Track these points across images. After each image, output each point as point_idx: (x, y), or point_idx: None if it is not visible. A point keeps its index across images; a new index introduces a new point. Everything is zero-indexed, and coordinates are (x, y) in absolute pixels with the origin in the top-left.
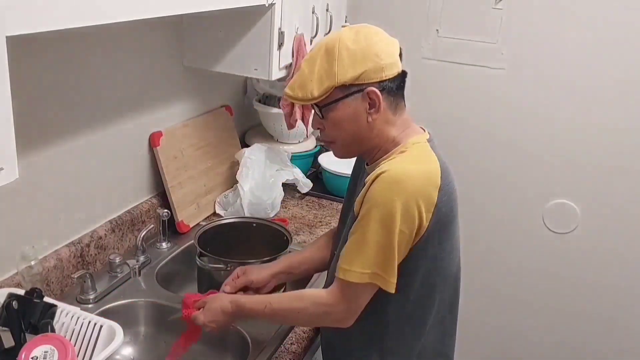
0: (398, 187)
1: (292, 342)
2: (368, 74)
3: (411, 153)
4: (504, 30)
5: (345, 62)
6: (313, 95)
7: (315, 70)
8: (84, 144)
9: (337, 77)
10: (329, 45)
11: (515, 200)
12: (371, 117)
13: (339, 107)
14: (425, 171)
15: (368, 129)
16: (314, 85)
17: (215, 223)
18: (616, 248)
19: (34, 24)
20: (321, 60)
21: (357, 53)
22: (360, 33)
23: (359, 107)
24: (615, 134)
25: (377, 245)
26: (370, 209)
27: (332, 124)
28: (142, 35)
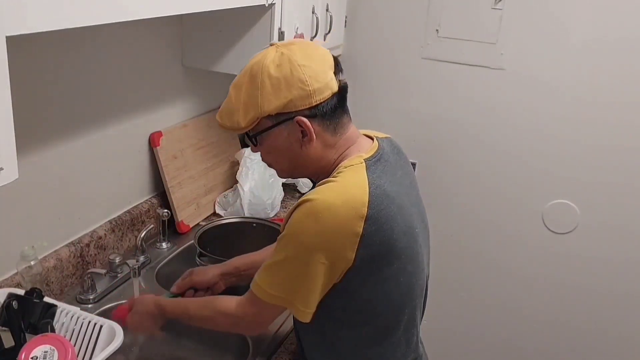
0: (317, 219)
1: (292, 342)
2: (294, 102)
3: (341, 181)
4: (504, 30)
5: (267, 91)
6: (240, 125)
7: (241, 99)
8: (84, 144)
9: (261, 107)
10: (254, 70)
11: (515, 200)
12: (304, 146)
13: (269, 135)
14: (349, 201)
15: (305, 155)
16: (240, 114)
17: (215, 223)
18: (616, 248)
19: (34, 24)
20: (246, 87)
21: (281, 81)
22: (284, 57)
23: (292, 135)
24: (616, 134)
25: (289, 274)
26: (289, 237)
27: (266, 152)
28: (142, 35)
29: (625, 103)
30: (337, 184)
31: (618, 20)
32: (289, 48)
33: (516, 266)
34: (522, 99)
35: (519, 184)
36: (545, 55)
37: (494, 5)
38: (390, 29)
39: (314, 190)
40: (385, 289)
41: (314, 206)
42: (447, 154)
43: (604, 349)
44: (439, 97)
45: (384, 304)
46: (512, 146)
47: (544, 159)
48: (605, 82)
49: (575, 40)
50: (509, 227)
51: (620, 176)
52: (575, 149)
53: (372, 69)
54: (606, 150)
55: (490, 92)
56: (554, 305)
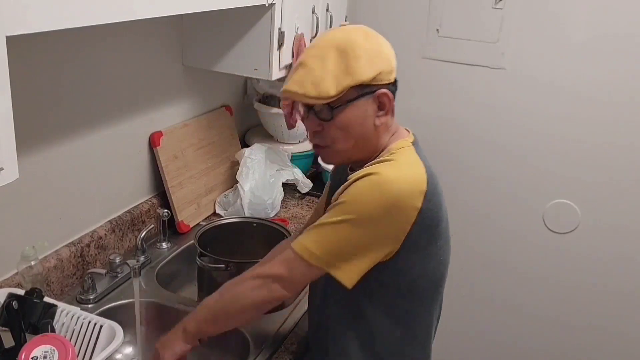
0: (383, 192)
1: (292, 342)
2: (382, 75)
3: (398, 160)
4: (504, 30)
5: (363, 61)
6: (329, 94)
7: (329, 69)
8: (84, 144)
9: (357, 75)
10: (340, 43)
11: (516, 200)
12: (379, 120)
13: (350, 108)
14: (413, 177)
15: (372, 132)
16: (329, 83)
17: (216, 223)
18: (616, 248)
19: (34, 24)
20: (335, 58)
21: (373, 52)
22: (368, 33)
23: (369, 109)
24: (616, 134)
25: (343, 238)
26: (350, 203)
27: (338, 126)
28: (142, 35)
29: (625, 102)
30: (396, 162)
31: (618, 19)
32: (365, 27)
33: (516, 266)
34: (522, 99)
35: (519, 184)
36: (546, 55)
37: (495, 4)
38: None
39: (374, 167)
40: (427, 267)
41: (380, 179)
42: (448, 153)
43: (604, 349)
44: (439, 96)
45: (424, 281)
46: (513, 146)
47: (544, 159)
48: (606, 82)
49: (576, 40)
50: (510, 227)
51: (621, 176)
52: (575, 149)
53: None
54: (607, 150)
55: (491, 91)
56: (554, 305)
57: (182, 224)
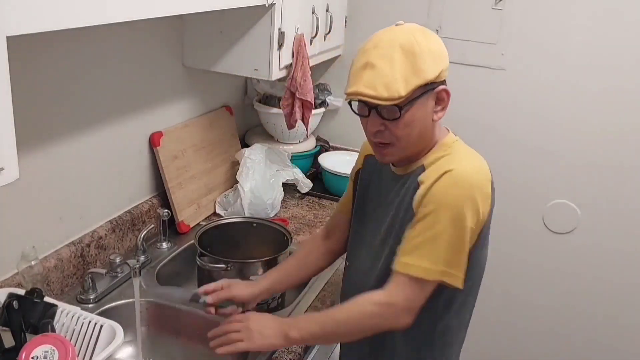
0: (465, 185)
1: None
2: (444, 72)
3: (459, 152)
4: (504, 30)
5: (429, 60)
6: (400, 94)
7: (397, 69)
8: (84, 144)
9: (424, 74)
10: (405, 43)
11: (515, 200)
12: (437, 115)
13: (415, 105)
14: (481, 166)
15: (431, 128)
16: (400, 84)
17: (216, 223)
18: (616, 248)
19: (34, 24)
20: (401, 58)
21: (436, 51)
22: (426, 32)
23: (429, 105)
24: (616, 134)
25: (448, 243)
26: (440, 208)
27: (404, 124)
28: (142, 35)
29: (626, 103)
30: (460, 155)
31: (618, 20)
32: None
33: (516, 266)
34: (522, 100)
35: (519, 184)
36: (546, 56)
37: (495, 5)
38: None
39: (444, 164)
40: (480, 255)
41: (457, 174)
42: None
43: (604, 349)
44: None
45: (476, 271)
46: (512, 146)
47: (544, 159)
48: (606, 82)
49: (576, 40)
50: (509, 227)
51: (621, 176)
52: (575, 149)
53: None
54: (606, 151)
55: (491, 92)
56: (554, 305)
57: (182, 224)
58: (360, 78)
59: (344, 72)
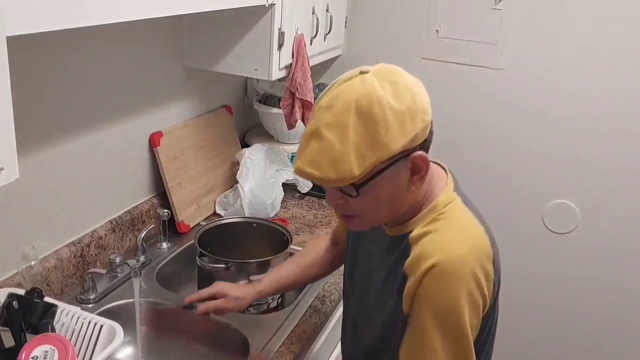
0: (457, 281)
1: (292, 342)
2: (418, 136)
3: (451, 221)
4: (504, 30)
5: (394, 127)
6: (352, 174)
7: (351, 142)
8: (84, 144)
9: (388, 147)
10: (363, 106)
11: (515, 200)
12: (414, 185)
13: (378, 181)
14: (477, 245)
15: (407, 197)
16: (352, 162)
17: (215, 223)
18: (616, 248)
19: (34, 24)
20: (357, 127)
21: (405, 114)
22: (399, 85)
23: (401, 175)
24: (616, 134)
25: (454, 352)
26: (433, 315)
27: (367, 201)
28: (142, 35)
29: (626, 103)
30: (451, 227)
31: (619, 20)
32: (392, 74)
33: (516, 266)
34: (522, 99)
35: (519, 184)
36: (546, 56)
37: (494, 5)
38: (391, 29)
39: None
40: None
41: (447, 268)
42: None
43: (604, 349)
44: (438, 97)
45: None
46: (512, 146)
47: (544, 159)
48: (606, 83)
49: (575, 40)
50: (509, 227)
51: (621, 176)
52: (575, 149)
53: None
54: (607, 151)
55: (491, 92)
56: (554, 305)
57: (182, 224)
58: (305, 151)
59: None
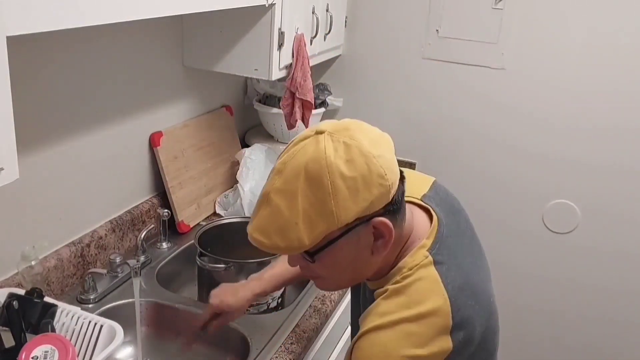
0: (388, 355)
1: (292, 342)
2: (374, 204)
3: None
4: (504, 30)
5: (344, 197)
6: (303, 243)
7: (300, 209)
8: (84, 144)
9: (337, 218)
10: (312, 171)
11: (515, 200)
12: (377, 251)
13: (335, 248)
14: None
15: (372, 262)
16: (301, 229)
17: (216, 223)
18: (616, 248)
19: (34, 24)
20: (305, 194)
21: (357, 181)
22: (352, 148)
23: (362, 240)
24: (616, 133)
25: None
26: None
27: (325, 266)
28: (142, 35)
29: (626, 103)
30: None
31: (619, 19)
32: (349, 135)
33: (516, 266)
34: (522, 99)
35: (519, 184)
36: (546, 55)
37: (495, 5)
38: (391, 29)
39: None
40: None
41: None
42: (448, 154)
43: (603, 349)
44: (439, 97)
45: None
46: (513, 146)
47: (544, 159)
48: (606, 82)
49: (576, 40)
50: (509, 227)
51: (621, 176)
52: (575, 149)
53: (373, 69)
54: (607, 150)
55: (491, 92)
56: (554, 305)
57: (182, 224)
58: (256, 217)
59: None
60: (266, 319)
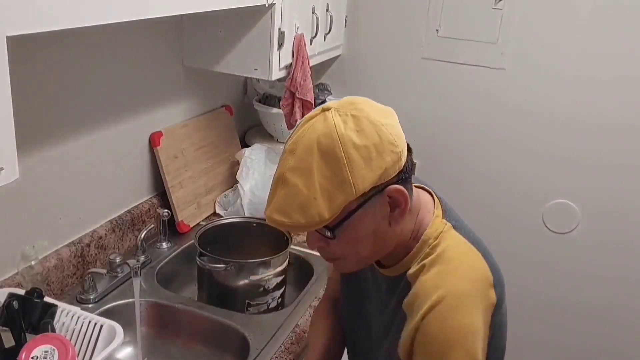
0: (463, 316)
1: (292, 342)
2: (388, 171)
3: (446, 254)
4: (504, 30)
5: (359, 166)
6: (323, 217)
7: (317, 185)
8: (84, 144)
9: (355, 187)
10: (325, 146)
11: (515, 200)
12: (395, 220)
13: (354, 220)
14: (477, 275)
15: (391, 233)
16: (320, 204)
17: (215, 223)
18: (616, 248)
19: (34, 24)
20: (321, 169)
21: (370, 149)
22: (361, 119)
23: (379, 211)
24: (616, 133)
25: None
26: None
27: (346, 242)
28: (142, 35)
29: (625, 102)
30: (450, 261)
31: (619, 19)
32: (355, 108)
33: (516, 266)
34: (522, 99)
35: (519, 184)
36: (546, 55)
37: (494, 5)
38: (391, 28)
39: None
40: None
41: (450, 305)
42: (447, 154)
43: (603, 348)
44: (439, 97)
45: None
46: (512, 146)
47: (544, 158)
48: (606, 82)
49: (576, 40)
50: (509, 227)
51: (621, 176)
52: (575, 149)
53: (373, 69)
54: (607, 150)
55: (491, 92)
56: (554, 305)
57: (182, 224)
58: (273, 199)
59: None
60: (266, 319)
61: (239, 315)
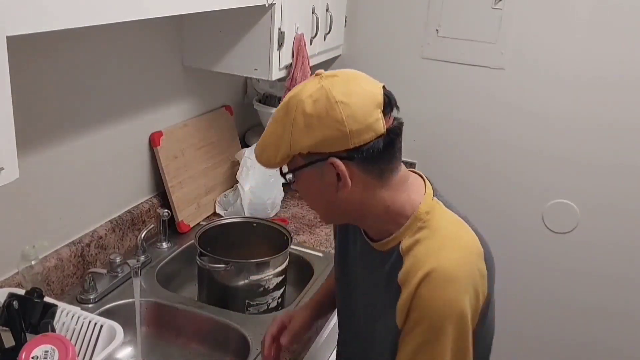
0: (455, 286)
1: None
2: (328, 142)
3: (438, 227)
4: (504, 30)
5: (299, 129)
6: (274, 160)
7: (275, 134)
8: (84, 143)
9: (292, 145)
10: (290, 104)
11: (515, 200)
12: (340, 190)
13: (302, 175)
14: (467, 247)
15: (342, 200)
16: (272, 150)
17: (216, 223)
18: (616, 248)
19: (34, 24)
20: (281, 121)
21: (313, 119)
22: (322, 91)
23: (326, 177)
24: (615, 133)
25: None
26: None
27: (302, 192)
28: (142, 35)
29: (625, 102)
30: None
31: (619, 19)
32: (331, 80)
33: (516, 266)
34: (522, 99)
35: (519, 184)
36: (546, 55)
37: (494, 5)
38: (390, 28)
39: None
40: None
41: (440, 275)
42: (447, 154)
43: (603, 348)
44: (438, 97)
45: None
46: (512, 146)
47: (544, 158)
48: (605, 82)
49: (575, 39)
50: (509, 227)
51: (621, 176)
52: (575, 149)
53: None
54: (606, 150)
55: (491, 91)
56: (554, 305)
57: (182, 224)
58: None
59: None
60: (266, 319)
61: (239, 315)
